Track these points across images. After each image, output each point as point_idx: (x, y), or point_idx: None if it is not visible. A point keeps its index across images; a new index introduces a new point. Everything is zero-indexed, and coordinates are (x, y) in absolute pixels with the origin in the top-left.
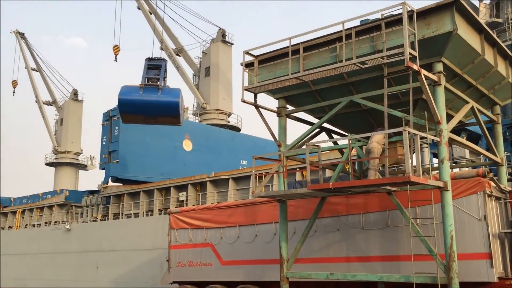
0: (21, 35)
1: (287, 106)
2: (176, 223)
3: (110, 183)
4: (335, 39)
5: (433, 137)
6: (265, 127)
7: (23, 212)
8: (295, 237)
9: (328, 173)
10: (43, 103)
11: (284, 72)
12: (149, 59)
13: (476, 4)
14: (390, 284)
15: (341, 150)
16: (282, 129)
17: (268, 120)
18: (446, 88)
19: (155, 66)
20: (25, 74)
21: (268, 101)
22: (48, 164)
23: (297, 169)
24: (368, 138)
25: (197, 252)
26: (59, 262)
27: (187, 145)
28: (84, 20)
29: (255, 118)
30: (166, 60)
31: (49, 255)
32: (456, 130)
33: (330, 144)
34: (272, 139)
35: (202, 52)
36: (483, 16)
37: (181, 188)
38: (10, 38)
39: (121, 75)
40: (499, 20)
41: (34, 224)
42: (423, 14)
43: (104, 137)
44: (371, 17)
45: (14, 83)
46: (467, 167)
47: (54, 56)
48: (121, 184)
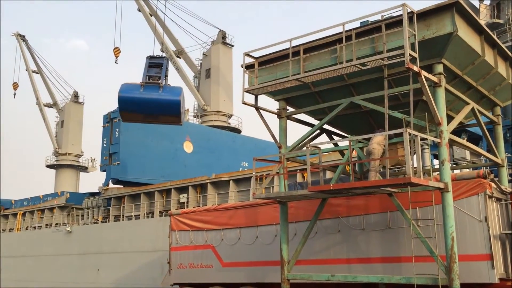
0: (22, 38)
1: (288, 108)
2: (177, 225)
3: (111, 185)
4: (335, 41)
5: (434, 139)
6: (266, 129)
7: (24, 214)
8: (296, 239)
9: (329, 175)
10: (44, 105)
11: (285, 74)
12: (150, 57)
13: (477, 5)
14: (391, 286)
15: (342, 152)
16: (283, 131)
17: (269, 122)
18: (447, 89)
19: (156, 64)
20: (26, 77)
21: (269, 103)
22: (49, 166)
23: (298, 171)
24: (369, 140)
25: (198, 254)
26: (60, 264)
27: (188, 147)
28: (85, 23)
29: (256, 120)
30: (168, 58)
31: (50, 258)
32: (457, 131)
33: (331, 146)
34: (273, 141)
35: (203, 54)
36: (484, 17)
37: (182, 190)
38: (11, 40)
39: (122, 77)
40: (500, 21)
41: (35, 227)
42: (423, 16)
43: (105, 139)
44: (371, 19)
45: (15, 86)
46: (468, 168)
47: (55, 58)
48: (122, 186)
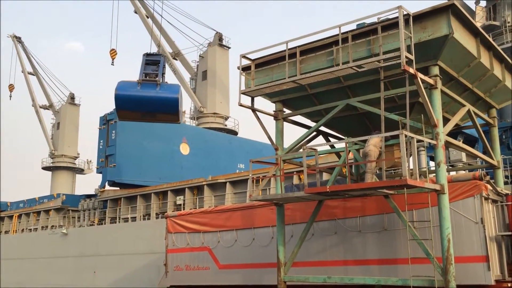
0: (18, 39)
1: (284, 110)
2: (173, 227)
3: (107, 187)
4: (332, 43)
5: (430, 140)
6: (262, 131)
7: (20, 217)
8: (293, 241)
9: (325, 177)
10: (40, 107)
11: (281, 76)
12: (147, 55)
13: (473, 7)
14: None
15: (338, 154)
16: (279, 133)
17: (265, 124)
18: (443, 92)
19: (153, 62)
20: (22, 78)
21: (265, 105)
22: (45, 168)
23: (294, 173)
24: (365, 142)
25: (194, 256)
26: (56, 267)
27: (184, 149)
28: (81, 25)
29: (252, 122)
30: (165, 56)
31: (46, 260)
32: (453, 133)
33: (327, 148)
34: (269, 143)
35: (199, 56)
36: (480, 19)
37: (178, 192)
38: (7, 42)
39: (118, 79)
40: (496, 23)
41: (31, 229)
42: (419, 18)
43: (101, 141)
44: (368, 21)
45: (11, 87)
46: (464, 170)
47: (51, 60)
48: (118, 188)
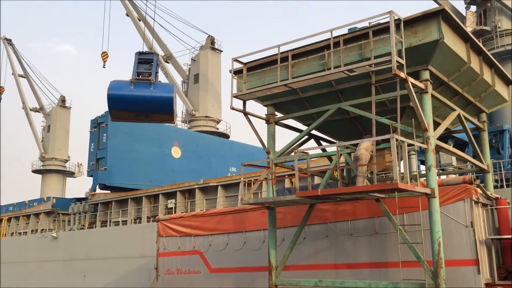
0: (8, 41)
1: (276, 113)
2: (165, 231)
3: (98, 191)
4: (324, 47)
5: (421, 144)
6: (254, 134)
7: (9, 220)
8: (284, 244)
9: (317, 180)
10: (30, 110)
11: (273, 79)
12: (140, 53)
13: (463, 13)
14: None
15: (330, 157)
16: (271, 136)
17: (257, 127)
18: (433, 96)
19: (146, 60)
20: (12, 81)
21: (257, 108)
22: (35, 171)
23: (286, 176)
24: (356, 145)
25: (186, 260)
26: (46, 271)
27: (176, 152)
28: (73, 27)
29: (244, 125)
30: (158, 54)
31: (36, 264)
32: (443, 137)
33: (319, 151)
34: (261, 146)
35: (191, 59)
36: (471, 24)
37: (170, 195)
38: None
39: (109, 82)
40: (487, 28)
41: (21, 232)
42: (410, 23)
43: (92, 144)
44: (359, 25)
45: (1, 90)
46: (454, 174)
47: (43, 63)
48: (109, 192)
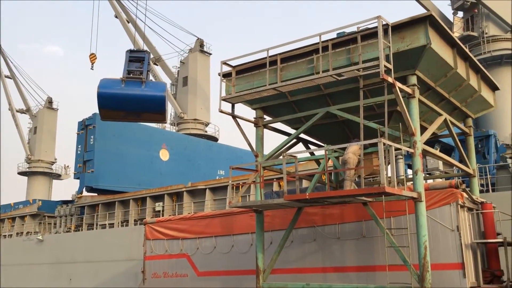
0: None
1: (265, 117)
2: (152, 234)
3: (85, 193)
4: (312, 51)
5: (408, 149)
6: (243, 137)
7: None
8: (272, 248)
9: (305, 184)
10: (17, 111)
11: (262, 83)
12: (131, 51)
13: (451, 18)
14: None
15: (318, 161)
16: (259, 140)
17: (246, 130)
18: (420, 101)
19: (137, 58)
20: None
21: (246, 112)
22: (21, 173)
23: (274, 180)
24: (344, 149)
25: (173, 263)
26: (31, 274)
27: (164, 155)
28: (61, 29)
29: (233, 128)
30: (149, 52)
31: (21, 267)
32: (430, 142)
33: (307, 155)
34: (249, 149)
35: (180, 62)
36: (458, 30)
37: (158, 198)
38: None
39: (97, 85)
40: (474, 34)
41: (6, 235)
42: (398, 28)
43: (79, 146)
44: (348, 30)
45: None
46: (441, 178)
47: (30, 65)
48: (96, 194)
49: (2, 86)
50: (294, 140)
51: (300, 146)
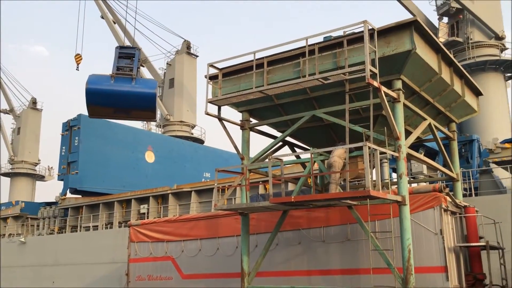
0: None
1: (251, 119)
2: (136, 236)
3: (69, 195)
4: (299, 54)
5: (392, 153)
6: (229, 140)
7: None
8: (257, 250)
9: (291, 187)
10: (0, 111)
11: (248, 86)
12: (121, 47)
13: (436, 24)
14: None
15: (304, 164)
16: (245, 142)
17: (232, 133)
18: (405, 105)
19: (127, 55)
20: None
21: (232, 114)
22: (4, 175)
23: (260, 182)
24: (330, 153)
25: (157, 266)
26: (13, 277)
27: (150, 157)
28: (45, 29)
29: (219, 131)
30: (140, 49)
31: (3, 269)
32: (415, 146)
33: (293, 158)
34: (235, 152)
35: (167, 64)
36: (443, 35)
37: (143, 201)
38: None
39: (83, 85)
40: (459, 39)
41: None
42: (384, 33)
43: (63, 148)
44: (334, 34)
45: None
46: (425, 182)
47: (14, 65)
48: (80, 196)
49: None
50: (280, 143)
51: (286, 149)
